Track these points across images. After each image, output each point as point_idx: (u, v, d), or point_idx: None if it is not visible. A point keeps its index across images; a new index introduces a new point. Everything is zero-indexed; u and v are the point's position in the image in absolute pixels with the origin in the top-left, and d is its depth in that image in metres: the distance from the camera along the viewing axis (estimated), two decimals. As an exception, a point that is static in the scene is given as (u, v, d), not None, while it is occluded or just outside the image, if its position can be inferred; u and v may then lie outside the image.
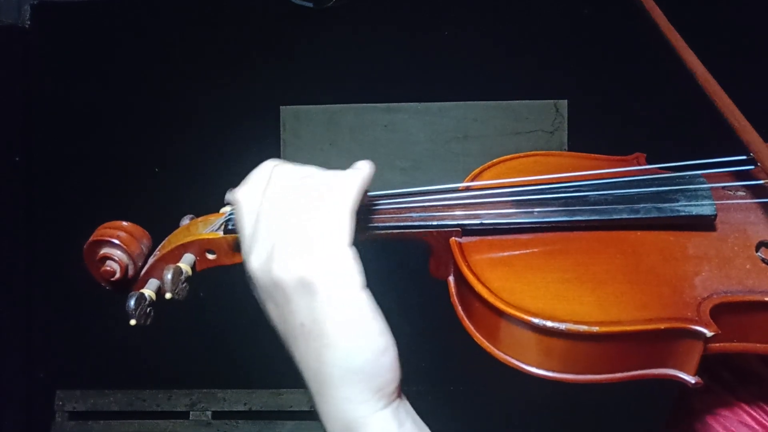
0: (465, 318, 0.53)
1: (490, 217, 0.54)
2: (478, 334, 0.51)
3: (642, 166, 0.62)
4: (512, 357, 0.50)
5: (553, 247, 0.53)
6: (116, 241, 0.53)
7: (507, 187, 0.57)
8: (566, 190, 0.56)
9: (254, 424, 2.45)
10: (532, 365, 0.49)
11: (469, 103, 2.45)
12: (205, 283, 0.59)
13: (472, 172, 0.61)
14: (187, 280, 0.54)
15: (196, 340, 2.37)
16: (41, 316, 2.52)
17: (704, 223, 0.55)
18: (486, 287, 0.49)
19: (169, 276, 0.52)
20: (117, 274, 0.52)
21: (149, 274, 0.55)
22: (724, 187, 0.59)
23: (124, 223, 0.54)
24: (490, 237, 0.54)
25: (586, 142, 2.30)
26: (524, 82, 2.39)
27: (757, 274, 0.51)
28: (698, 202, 0.54)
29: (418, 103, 2.47)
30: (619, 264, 0.52)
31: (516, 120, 2.43)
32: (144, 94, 2.51)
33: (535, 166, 0.62)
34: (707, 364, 0.49)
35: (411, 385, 0.50)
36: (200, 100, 2.47)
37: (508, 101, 2.43)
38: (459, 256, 0.52)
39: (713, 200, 0.55)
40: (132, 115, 2.51)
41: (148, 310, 0.51)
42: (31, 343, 2.52)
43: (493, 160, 0.63)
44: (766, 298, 0.49)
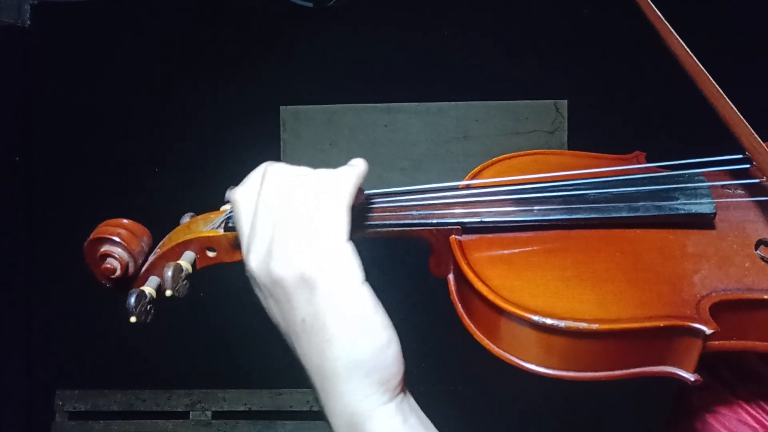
0: (465, 316, 0.53)
1: (490, 215, 0.54)
2: (478, 332, 0.52)
3: (641, 165, 0.62)
4: (512, 355, 0.50)
5: (553, 245, 0.53)
6: (117, 239, 0.53)
7: (507, 185, 0.57)
8: (566, 188, 0.56)
9: (254, 424, 2.45)
10: (531, 363, 0.49)
11: (469, 103, 2.45)
12: (205, 283, 0.60)
13: (472, 171, 0.61)
14: (188, 278, 0.54)
15: (196, 339, 2.37)
16: (41, 316, 2.52)
17: (703, 222, 0.55)
18: (486, 285, 0.50)
19: (170, 273, 0.52)
20: (117, 272, 0.52)
21: (150, 272, 0.55)
22: (723, 186, 0.59)
23: (124, 221, 0.54)
24: (490, 235, 0.54)
25: (586, 142, 2.30)
26: (524, 82, 2.39)
27: (756, 272, 0.51)
28: (697, 201, 0.55)
29: (418, 103, 2.47)
30: (618, 262, 0.52)
31: (516, 120, 2.44)
32: (144, 94, 2.51)
33: (535, 165, 0.63)
34: (706, 362, 0.49)
35: (410, 384, 0.50)
36: (200, 100, 2.47)
37: (508, 101, 2.43)
38: (459, 254, 0.52)
39: (712, 199, 0.55)
40: (132, 115, 2.51)
41: (148, 308, 0.51)
42: (31, 343, 2.52)
43: (493, 159, 0.63)
44: (765, 296, 0.50)
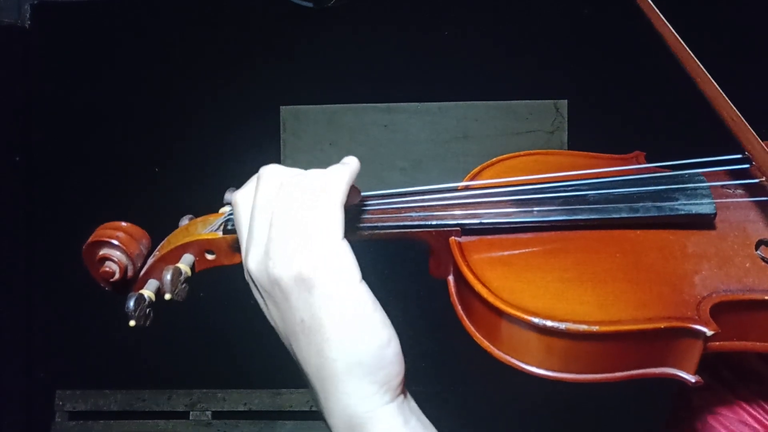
0: (465, 318, 0.53)
1: (490, 217, 0.54)
2: (477, 334, 0.51)
3: (641, 165, 0.62)
4: (512, 357, 0.49)
5: (553, 246, 0.53)
6: (115, 242, 0.53)
7: (506, 187, 0.57)
8: (566, 189, 0.56)
9: (254, 424, 2.45)
10: (532, 365, 0.49)
11: (469, 103, 2.45)
12: (205, 283, 0.59)
13: (472, 171, 0.61)
14: (187, 281, 0.54)
15: (196, 340, 2.37)
16: (41, 316, 2.52)
17: (704, 222, 0.55)
18: (486, 287, 0.49)
19: (169, 277, 0.51)
20: (116, 275, 0.52)
21: (148, 275, 0.55)
22: (724, 186, 0.58)
23: (123, 224, 0.54)
24: (489, 236, 0.54)
25: (586, 142, 2.30)
26: (524, 82, 2.39)
27: (757, 273, 0.51)
28: (698, 201, 0.54)
29: (418, 103, 2.47)
30: (618, 263, 0.52)
31: (516, 120, 2.43)
32: (144, 94, 2.51)
33: (535, 165, 0.62)
34: (707, 363, 0.49)
35: (410, 386, 0.50)
36: (200, 100, 2.47)
37: (508, 101, 2.43)
38: (458, 255, 0.52)
39: (713, 199, 0.55)
40: (132, 115, 2.51)
41: (147, 311, 0.51)
42: (31, 343, 2.52)
43: (492, 159, 0.62)
44: (766, 297, 0.49)
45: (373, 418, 0.46)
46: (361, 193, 0.54)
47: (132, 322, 0.50)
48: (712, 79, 0.56)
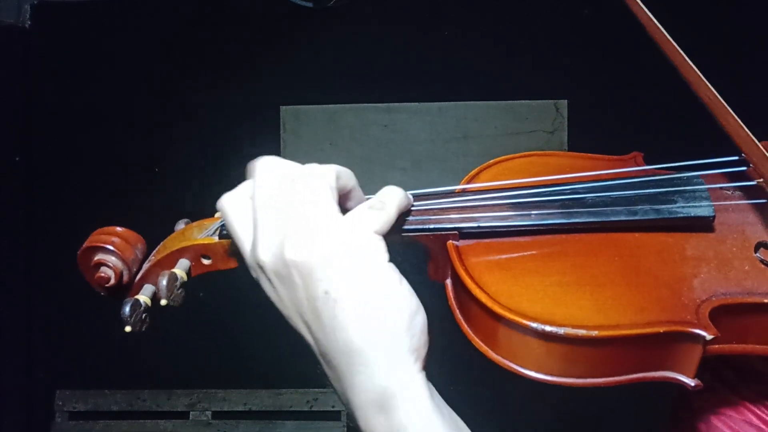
0: (463, 322, 0.52)
1: (487, 220, 0.53)
2: (476, 338, 0.51)
3: (640, 166, 0.62)
4: (511, 361, 0.49)
5: (551, 250, 0.53)
6: (110, 247, 0.52)
7: (504, 190, 0.56)
8: (563, 192, 0.56)
9: (254, 424, 2.45)
10: (530, 369, 0.49)
11: (469, 103, 2.44)
12: (205, 284, 0.59)
13: (469, 174, 0.60)
14: (183, 286, 0.53)
15: (196, 340, 2.37)
16: (41, 316, 2.52)
17: (702, 225, 0.54)
18: (484, 291, 0.49)
19: (164, 282, 0.51)
20: (112, 281, 0.52)
21: (144, 280, 0.54)
22: (722, 188, 0.58)
23: (118, 229, 0.53)
24: (487, 240, 0.53)
25: (586, 142, 2.30)
26: (524, 82, 2.39)
27: (756, 276, 0.51)
28: (696, 204, 0.54)
29: (418, 103, 2.47)
30: (617, 266, 0.51)
31: (516, 120, 2.43)
32: (144, 94, 2.51)
33: (532, 167, 0.62)
34: (709, 363, 0.49)
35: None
36: (200, 100, 2.46)
37: (508, 101, 2.43)
38: (456, 259, 0.52)
39: (711, 201, 0.54)
40: (132, 115, 2.51)
41: (143, 317, 0.51)
42: (31, 343, 2.52)
43: (489, 161, 0.62)
44: (766, 300, 0.49)
45: (406, 389, 0.45)
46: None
47: (128, 328, 0.50)
48: (705, 79, 0.55)
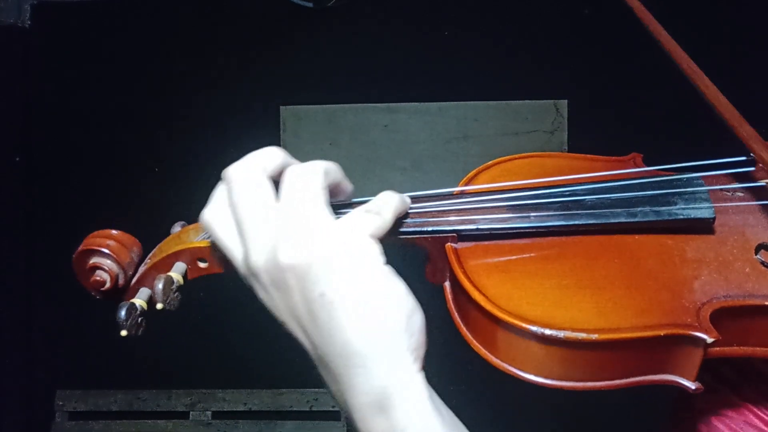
0: (462, 325, 0.52)
1: (486, 222, 0.53)
2: (475, 342, 0.50)
3: (639, 167, 0.61)
4: (510, 365, 0.49)
5: (551, 252, 0.52)
6: (106, 251, 0.52)
7: (502, 191, 0.56)
8: (562, 193, 0.55)
9: (254, 424, 2.45)
10: (530, 373, 0.48)
11: (469, 103, 2.44)
12: (205, 284, 0.59)
13: (467, 175, 0.60)
14: (179, 290, 0.53)
15: (196, 340, 2.37)
16: (41, 316, 2.52)
17: (703, 227, 0.54)
18: (482, 294, 0.49)
19: (160, 286, 0.50)
20: (107, 284, 0.51)
21: (140, 284, 0.54)
22: (723, 190, 0.58)
23: (113, 232, 0.53)
24: (486, 242, 0.53)
25: (586, 142, 2.29)
26: (524, 82, 2.39)
27: (757, 278, 0.50)
28: (696, 205, 0.54)
29: (418, 103, 2.46)
30: (617, 269, 0.51)
31: (516, 120, 2.43)
32: (144, 94, 2.51)
33: (531, 168, 0.61)
34: (710, 364, 0.49)
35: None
36: (200, 100, 2.46)
37: (508, 101, 2.43)
38: (455, 262, 0.51)
39: (711, 203, 0.54)
40: (132, 115, 2.51)
41: (139, 320, 0.50)
42: (31, 343, 2.52)
43: (488, 163, 0.61)
44: (766, 302, 0.49)
45: (406, 388, 0.44)
46: (359, 198, 0.53)
47: (124, 332, 0.49)
48: (710, 82, 0.55)
